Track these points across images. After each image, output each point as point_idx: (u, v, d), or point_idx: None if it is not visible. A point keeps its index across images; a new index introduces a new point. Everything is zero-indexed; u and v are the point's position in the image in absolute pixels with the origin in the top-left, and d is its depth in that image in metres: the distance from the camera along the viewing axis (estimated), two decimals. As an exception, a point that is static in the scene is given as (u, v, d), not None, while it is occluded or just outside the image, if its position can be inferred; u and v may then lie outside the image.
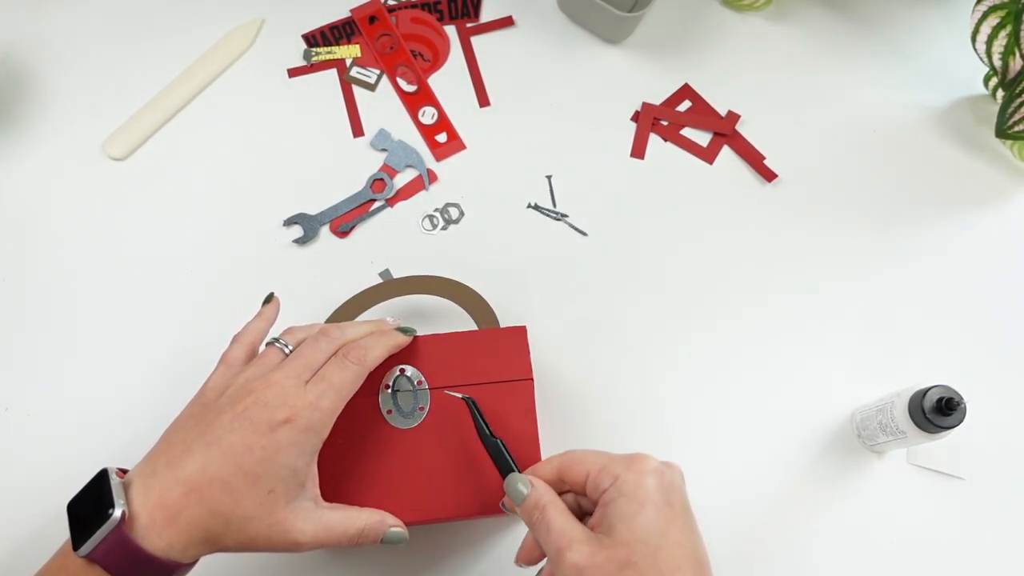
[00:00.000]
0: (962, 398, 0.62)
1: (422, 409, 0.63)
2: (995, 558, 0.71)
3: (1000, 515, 0.72)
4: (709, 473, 0.72)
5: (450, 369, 0.64)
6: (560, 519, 0.51)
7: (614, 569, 0.47)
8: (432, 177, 0.84)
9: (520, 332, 0.65)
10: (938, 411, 0.62)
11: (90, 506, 0.50)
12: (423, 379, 0.64)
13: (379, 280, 0.79)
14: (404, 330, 0.63)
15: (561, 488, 0.54)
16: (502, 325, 0.72)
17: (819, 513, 0.72)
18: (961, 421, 0.62)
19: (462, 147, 0.86)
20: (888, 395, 0.70)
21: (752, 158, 0.85)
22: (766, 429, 0.75)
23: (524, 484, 0.54)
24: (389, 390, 0.63)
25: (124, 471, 0.53)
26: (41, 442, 0.73)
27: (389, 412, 0.63)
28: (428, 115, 0.87)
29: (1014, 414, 0.76)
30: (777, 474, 0.73)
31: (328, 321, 0.72)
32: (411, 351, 0.64)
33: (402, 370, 0.64)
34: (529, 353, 0.65)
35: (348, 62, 0.90)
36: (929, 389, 0.64)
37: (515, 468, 0.57)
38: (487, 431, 0.59)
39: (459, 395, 0.61)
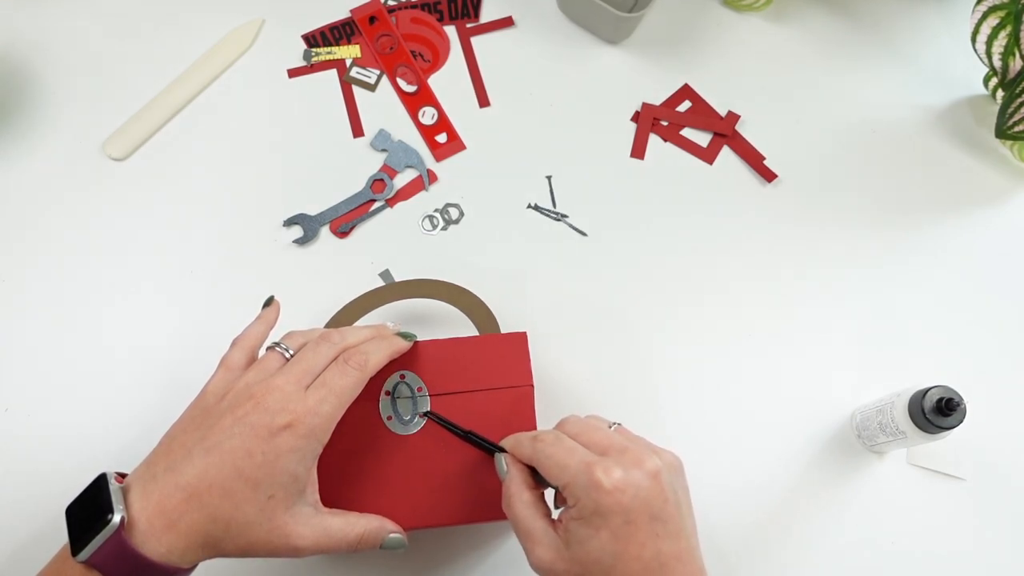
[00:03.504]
0: (962, 398, 0.62)
1: (422, 415, 0.63)
2: (995, 558, 0.71)
3: (1000, 515, 0.72)
4: (709, 473, 0.72)
5: (450, 375, 0.64)
6: (524, 513, 0.54)
7: None
8: (432, 177, 0.84)
9: (520, 338, 0.65)
10: (938, 411, 0.62)
11: (89, 511, 0.50)
12: (423, 385, 0.64)
13: (379, 280, 0.79)
14: (404, 335, 0.63)
15: None
16: (502, 327, 0.72)
17: (819, 513, 0.72)
18: (961, 421, 0.62)
19: (462, 147, 0.86)
20: (888, 395, 0.70)
21: (752, 158, 0.85)
22: (766, 430, 0.75)
23: (501, 467, 0.57)
24: (389, 396, 0.63)
25: (123, 475, 0.53)
26: (41, 443, 0.73)
27: (389, 418, 0.63)
28: (428, 115, 0.87)
29: (1014, 414, 0.76)
30: (777, 475, 0.73)
31: (328, 325, 0.72)
32: (411, 357, 0.64)
33: (402, 376, 0.64)
34: (529, 360, 0.65)
35: (348, 62, 0.90)
36: (929, 389, 0.63)
37: (496, 449, 0.59)
38: (459, 431, 0.61)
39: (421, 413, 0.63)
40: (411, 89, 0.89)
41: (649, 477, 0.50)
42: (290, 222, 0.82)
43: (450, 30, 0.92)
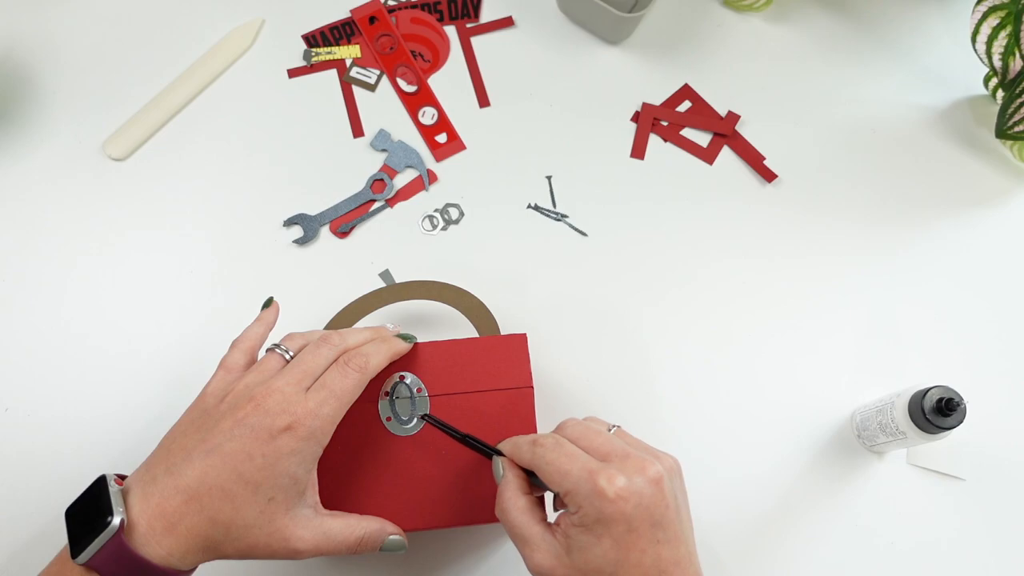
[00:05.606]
0: (962, 398, 0.62)
1: (420, 418, 0.63)
2: (995, 558, 0.71)
3: (1000, 515, 0.72)
4: (709, 474, 0.72)
5: (450, 377, 0.64)
6: (520, 520, 0.53)
7: None
8: (432, 177, 0.84)
9: (520, 340, 0.65)
10: (938, 411, 0.62)
11: (88, 513, 0.50)
12: (422, 386, 0.64)
13: (379, 280, 0.79)
14: (404, 337, 0.63)
15: None
16: (502, 327, 0.72)
17: (819, 514, 0.72)
18: (961, 421, 0.62)
19: (462, 147, 0.86)
20: (888, 395, 0.70)
21: (752, 158, 0.85)
22: (766, 430, 0.75)
23: (498, 471, 0.56)
24: (388, 397, 0.63)
25: (122, 477, 0.53)
26: (41, 443, 0.73)
27: (388, 419, 0.63)
28: (428, 115, 0.87)
29: (1014, 414, 0.76)
30: (777, 475, 0.73)
31: (328, 326, 0.72)
32: (411, 358, 0.64)
33: (401, 377, 0.64)
34: (529, 361, 0.65)
35: (348, 62, 0.90)
36: (929, 389, 0.63)
37: (494, 453, 0.58)
38: (457, 434, 0.60)
39: (420, 415, 0.63)
40: (411, 89, 0.89)
41: (651, 484, 0.50)
42: (290, 222, 0.82)
43: (450, 30, 0.92)
